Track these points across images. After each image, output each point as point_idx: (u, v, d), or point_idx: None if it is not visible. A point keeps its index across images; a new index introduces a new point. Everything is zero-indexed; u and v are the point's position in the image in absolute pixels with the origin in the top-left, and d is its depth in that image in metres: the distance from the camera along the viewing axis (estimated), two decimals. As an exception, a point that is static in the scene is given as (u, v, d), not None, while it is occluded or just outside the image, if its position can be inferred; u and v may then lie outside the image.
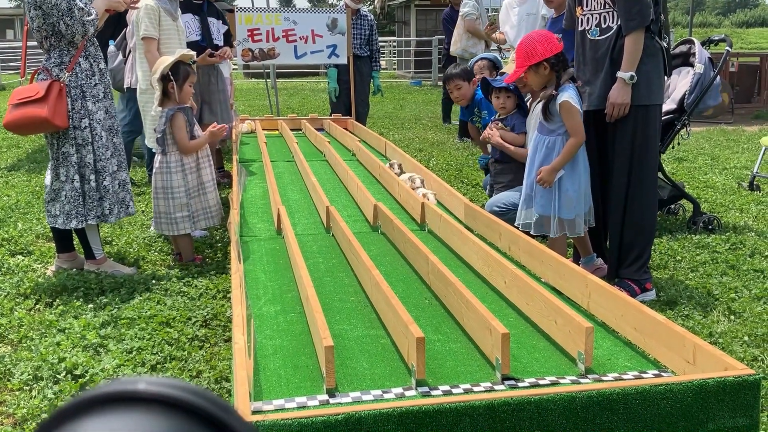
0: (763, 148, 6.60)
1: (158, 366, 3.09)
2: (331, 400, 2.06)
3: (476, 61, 5.90)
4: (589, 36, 3.91)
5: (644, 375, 2.20)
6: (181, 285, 4.03)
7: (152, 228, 5.13)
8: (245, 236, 3.86)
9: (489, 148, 4.97)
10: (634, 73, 3.71)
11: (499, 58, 6.05)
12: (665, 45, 3.88)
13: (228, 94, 6.04)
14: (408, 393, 2.10)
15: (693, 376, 2.03)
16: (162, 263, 4.50)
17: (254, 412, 1.93)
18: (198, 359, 3.16)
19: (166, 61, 4.23)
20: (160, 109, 4.28)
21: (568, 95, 3.70)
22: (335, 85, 7.98)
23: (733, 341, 3.32)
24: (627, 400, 1.94)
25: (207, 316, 3.60)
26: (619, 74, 3.73)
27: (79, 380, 2.93)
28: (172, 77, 4.18)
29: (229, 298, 3.67)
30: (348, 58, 7.76)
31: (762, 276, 4.22)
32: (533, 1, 6.47)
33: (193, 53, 4.46)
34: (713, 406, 1.98)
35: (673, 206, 5.60)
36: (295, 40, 7.77)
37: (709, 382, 1.98)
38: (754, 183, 6.54)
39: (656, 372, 2.23)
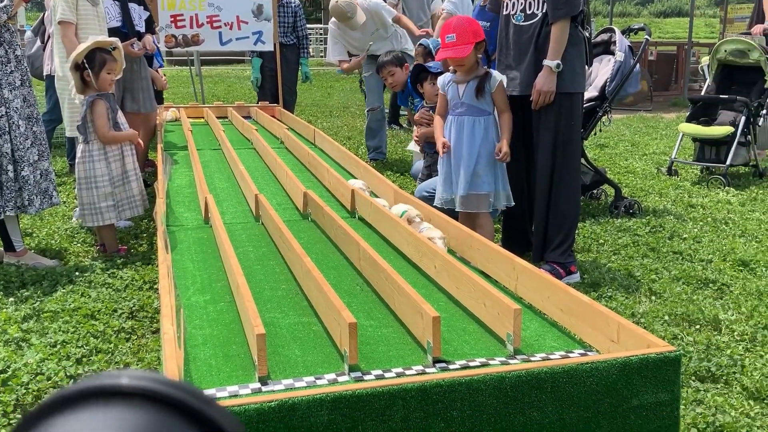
0: (681, 135, 6.82)
1: (84, 359, 3.02)
2: (264, 388, 2.04)
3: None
4: (513, 21, 3.97)
5: (571, 354, 2.26)
6: (105, 276, 3.94)
7: (74, 219, 5.00)
8: (172, 226, 3.79)
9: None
10: (560, 62, 3.78)
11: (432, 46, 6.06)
12: (587, 35, 3.97)
13: (150, 82, 5.90)
14: (341, 378, 2.11)
15: (617, 354, 2.09)
16: (85, 255, 4.39)
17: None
18: (125, 351, 3.10)
19: (80, 48, 4.10)
20: (82, 97, 4.17)
21: (499, 73, 3.86)
22: (257, 75, 7.91)
23: (654, 320, 3.43)
24: (554, 378, 1.99)
25: (133, 308, 3.53)
26: (546, 62, 3.79)
27: (1, 375, 2.84)
28: (87, 65, 4.07)
29: (156, 289, 3.61)
30: (274, 45, 7.68)
31: (681, 257, 4.37)
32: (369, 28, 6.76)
33: (114, 40, 4.34)
34: (637, 382, 2.04)
35: (595, 191, 5.75)
36: (219, 27, 7.63)
37: (632, 359, 2.04)
38: (672, 168, 6.77)
39: (582, 351, 2.29)
